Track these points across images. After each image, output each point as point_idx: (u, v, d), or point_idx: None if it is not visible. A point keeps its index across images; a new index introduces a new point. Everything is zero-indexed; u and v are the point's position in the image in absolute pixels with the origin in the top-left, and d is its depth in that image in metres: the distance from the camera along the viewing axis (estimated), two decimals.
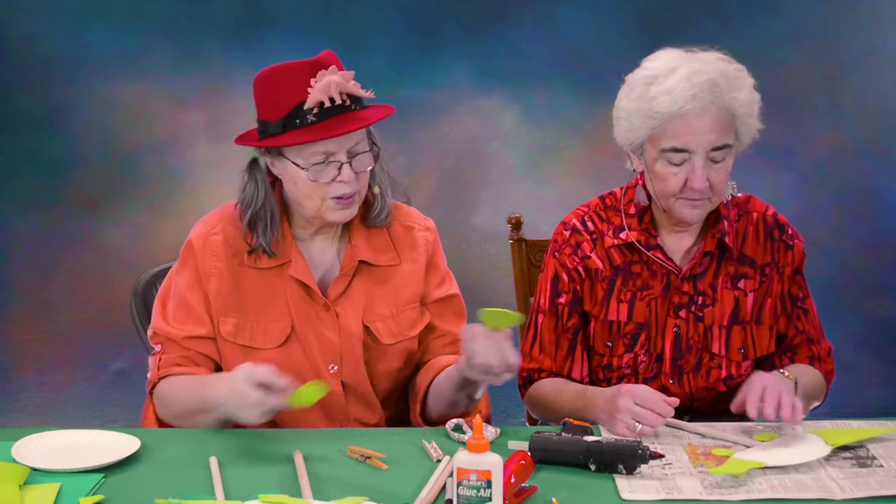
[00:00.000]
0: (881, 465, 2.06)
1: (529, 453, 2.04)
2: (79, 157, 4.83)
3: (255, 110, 2.37)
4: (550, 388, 2.43)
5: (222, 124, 4.56)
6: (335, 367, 2.37)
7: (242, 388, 2.13)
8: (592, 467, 2.04)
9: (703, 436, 2.21)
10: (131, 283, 2.75)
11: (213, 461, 2.06)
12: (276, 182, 2.39)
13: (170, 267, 2.78)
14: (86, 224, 4.81)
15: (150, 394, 2.39)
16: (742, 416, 2.51)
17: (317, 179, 2.28)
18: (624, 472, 2.01)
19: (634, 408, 2.17)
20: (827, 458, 2.07)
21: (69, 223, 4.83)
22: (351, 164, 2.29)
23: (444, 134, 4.84)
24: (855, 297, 4.51)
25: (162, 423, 2.36)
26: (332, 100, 2.25)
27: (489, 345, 2.13)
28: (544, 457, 2.06)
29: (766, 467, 2.02)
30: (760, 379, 2.23)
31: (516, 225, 2.87)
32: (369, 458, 2.09)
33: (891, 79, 4.83)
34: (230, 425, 2.25)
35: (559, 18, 4.79)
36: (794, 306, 2.45)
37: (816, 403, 2.45)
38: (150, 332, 2.43)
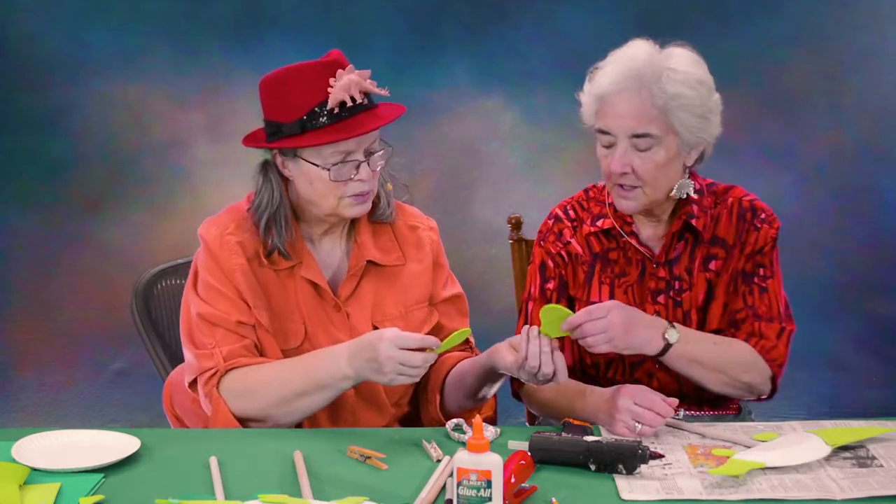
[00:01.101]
0: (881, 465, 2.06)
1: (529, 453, 2.04)
2: (79, 157, 4.84)
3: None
4: (548, 387, 2.43)
5: (222, 124, 4.57)
6: None
7: (400, 356, 2.13)
8: (592, 467, 2.04)
9: (703, 436, 2.21)
10: (131, 283, 2.75)
11: (213, 461, 2.06)
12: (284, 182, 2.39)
13: (170, 267, 2.79)
14: (86, 224, 4.82)
15: (216, 389, 2.28)
16: (738, 416, 2.51)
17: (338, 179, 2.28)
18: (624, 472, 2.01)
19: (634, 408, 2.17)
20: (827, 458, 2.07)
21: (69, 223, 4.83)
22: (368, 163, 2.30)
23: (444, 134, 4.84)
24: (855, 297, 4.51)
25: (241, 420, 2.27)
26: (353, 99, 2.26)
27: (546, 353, 2.19)
28: (544, 457, 2.06)
29: (766, 468, 2.02)
30: (601, 313, 2.20)
31: (516, 225, 2.88)
32: (369, 458, 2.09)
33: (891, 79, 4.83)
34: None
35: (559, 18, 4.80)
36: (748, 282, 2.44)
37: (752, 395, 2.42)
38: (195, 321, 2.33)
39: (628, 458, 2.01)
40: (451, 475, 1.92)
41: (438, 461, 2.08)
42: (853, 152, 4.80)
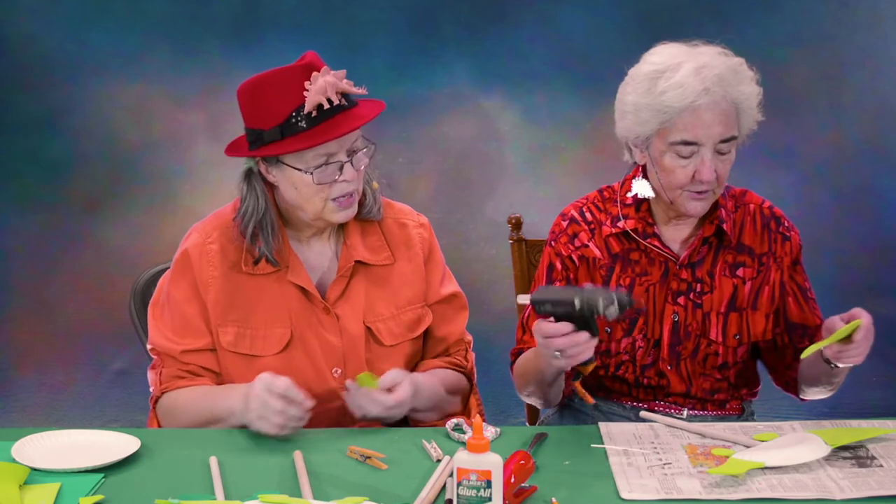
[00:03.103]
0: (881, 465, 2.06)
1: (531, 303, 2.14)
2: (79, 157, 4.83)
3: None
4: (522, 357, 2.48)
5: (222, 124, 4.56)
6: (338, 371, 2.37)
7: (264, 397, 2.14)
8: (577, 304, 2.10)
9: (703, 436, 2.21)
10: (131, 283, 2.75)
11: (213, 461, 2.06)
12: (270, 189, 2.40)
13: (168, 267, 2.79)
14: (86, 224, 4.82)
15: (153, 408, 2.39)
16: (741, 417, 2.52)
17: (322, 182, 2.27)
18: (599, 310, 2.08)
19: (543, 340, 2.18)
20: (827, 458, 2.07)
21: (69, 223, 4.83)
22: (351, 163, 2.29)
23: (444, 134, 4.84)
24: (855, 297, 4.50)
25: None
26: (329, 101, 2.24)
27: (370, 401, 2.25)
28: (542, 301, 2.14)
29: (766, 467, 2.02)
30: (870, 319, 2.23)
31: (516, 225, 2.88)
32: (369, 458, 2.09)
33: (891, 79, 4.83)
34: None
35: (559, 18, 4.79)
36: (807, 298, 2.48)
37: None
38: (148, 345, 2.44)
39: (607, 299, 2.09)
40: (451, 475, 1.92)
41: (438, 461, 2.08)
42: (853, 152, 4.80)
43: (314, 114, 2.24)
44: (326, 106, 2.24)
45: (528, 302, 2.19)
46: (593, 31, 4.71)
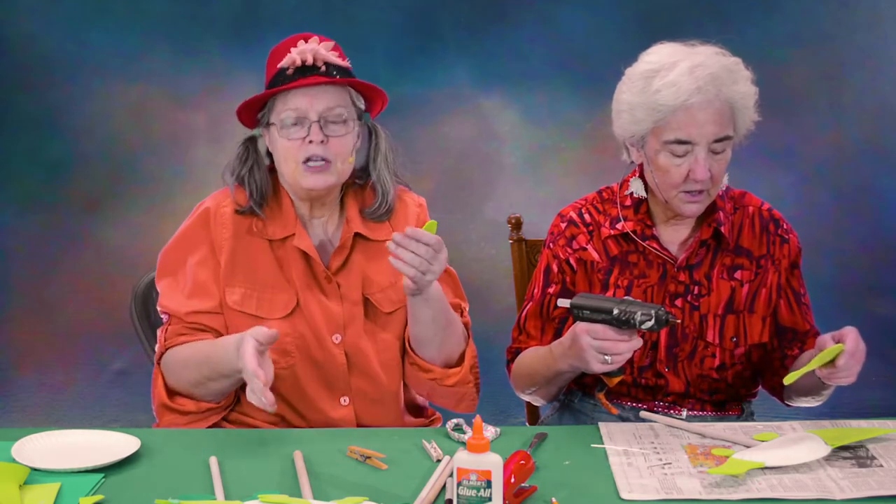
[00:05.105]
0: (881, 465, 2.06)
1: (570, 308, 2.19)
2: (79, 157, 4.83)
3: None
4: (527, 355, 2.48)
5: (222, 124, 4.57)
6: (338, 337, 2.42)
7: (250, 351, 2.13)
8: (615, 313, 2.14)
9: (703, 436, 2.21)
10: (131, 284, 2.76)
11: (213, 461, 2.06)
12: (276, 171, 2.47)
13: None
14: (86, 224, 4.82)
15: (158, 364, 2.40)
16: (741, 417, 2.52)
17: (285, 135, 2.35)
18: (636, 323, 2.13)
19: (595, 342, 2.18)
20: (827, 458, 2.07)
21: (69, 223, 4.83)
22: (320, 126, 2.35)
23: (444, 134, 4.84)
24: (855, 297, 4.51)
25: (172, 392, 2.36)
26: (304, 62, 2.33)
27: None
28: (581, 307, 2.19)
29: (766, 467, 2.02)
30: (859, 340, 2.18)
31: (516, 225, 2.88)
32: (369, 458, 2.09)
33: (891, 79, 4.83)
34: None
35: (559, 18, 4.79)
36: (800, 302, 2.48)
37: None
38: (158, 307, 2.47)
39: (645, 313, 2.12)
40: (451, 475, 1.92)
41: (438, 461, 2.08)
42: (853, 152, 4.80)
43: (290, 71, 2.35)
44: (298, 64, 2.33)
45: (567, 306, 2.22)
46: (593, 31, 4.71)
